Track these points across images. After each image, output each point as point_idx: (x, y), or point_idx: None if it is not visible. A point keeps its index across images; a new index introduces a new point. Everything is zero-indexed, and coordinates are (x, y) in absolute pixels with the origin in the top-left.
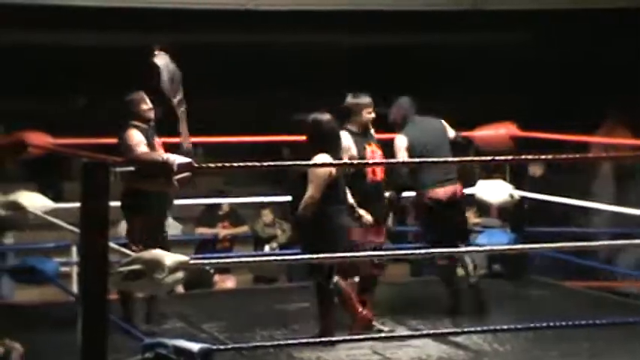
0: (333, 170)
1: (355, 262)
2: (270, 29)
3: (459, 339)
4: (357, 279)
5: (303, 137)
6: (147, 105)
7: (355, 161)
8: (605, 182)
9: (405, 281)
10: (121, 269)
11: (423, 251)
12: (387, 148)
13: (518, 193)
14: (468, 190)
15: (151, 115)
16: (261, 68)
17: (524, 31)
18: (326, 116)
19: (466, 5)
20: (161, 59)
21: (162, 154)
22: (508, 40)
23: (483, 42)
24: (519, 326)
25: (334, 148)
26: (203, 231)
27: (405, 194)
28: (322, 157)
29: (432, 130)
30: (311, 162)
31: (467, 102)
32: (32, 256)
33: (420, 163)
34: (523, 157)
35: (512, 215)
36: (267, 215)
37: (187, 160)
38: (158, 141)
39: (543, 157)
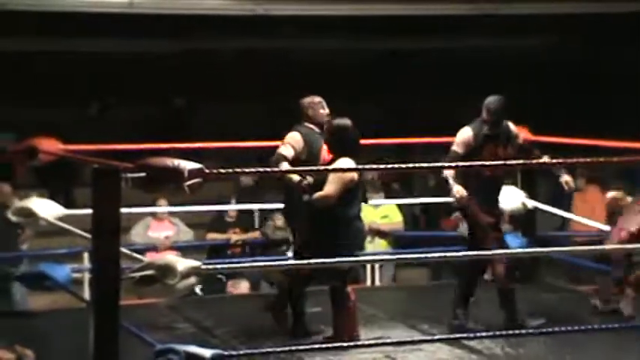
0: (356, 175)
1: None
2: (279, 34)
3: (471, 343)
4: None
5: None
6: (324, 110)
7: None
8: None
9: (424, 285)
10: (133, 275)
11: (435, 255)
12: None
13: (530, 202)
14: None
15: (323, 118)
16: (271, 73)
17: (539, 36)
18: (348, 122)
19: (484, 9)
20: None
21: (173, 160)
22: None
23: (500, 46)
24: (532, 331)
25: (357, 154)
26: (214, 237)
27: None
28: (346, 162)
29: None
30: (331, 166)
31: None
32: (44, 262)
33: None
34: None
35: (523, 220)
36: (279, 218)
37: (198, 165)
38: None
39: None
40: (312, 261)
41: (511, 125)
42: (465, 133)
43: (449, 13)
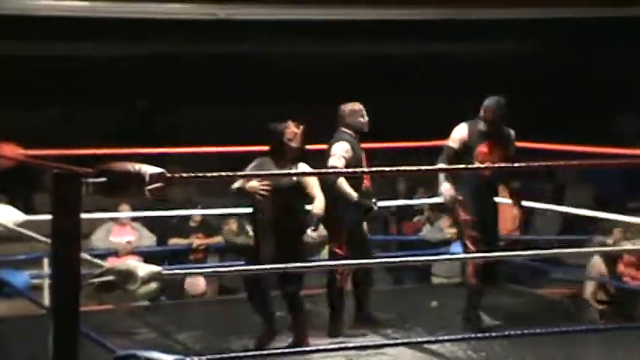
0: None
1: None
2: (243, 39)
3: (433, 347)
4: None
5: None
6: (363, 118)
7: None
8: None
9: (388, 289)
10: (93, 280)
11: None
12: None
13: None
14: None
15: (364, 126)
16: (236, 78)
17: (518, 42)
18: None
19: (464, 15)
20: None
21: (134, 165)
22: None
23: (479, 51)
24: (494, 334)
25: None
26: (176, 242)
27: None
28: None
29: None
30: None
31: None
32: (3, 269)
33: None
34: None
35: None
36: (233, 224)
37: (159, 170)
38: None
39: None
40: (274, 266)
41: (512, 132)
42: (460, 130)
43: (422, 18)
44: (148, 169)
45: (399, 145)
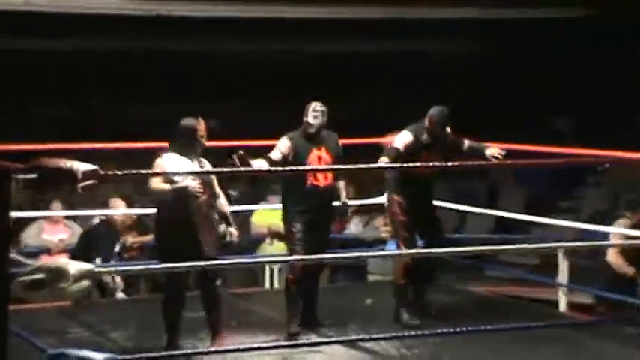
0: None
1: None
2: (182, 36)
3: (367, 344)
4: None
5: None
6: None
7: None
8: None
9: (322, 287)
10: (24, 278)
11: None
12: None
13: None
14: (378, 200)
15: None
16: (179, 74)
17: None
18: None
19: (409, 14)
20: None
21: (67, 161)
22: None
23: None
24: (427, 332)
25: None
26: None
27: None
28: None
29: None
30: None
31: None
32: None
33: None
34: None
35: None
36: None
37: (92, 167)
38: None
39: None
40: (203, 263)
41: (448, 130)
42: (407, 137)
43: (366, 17)
44: (81, 166)
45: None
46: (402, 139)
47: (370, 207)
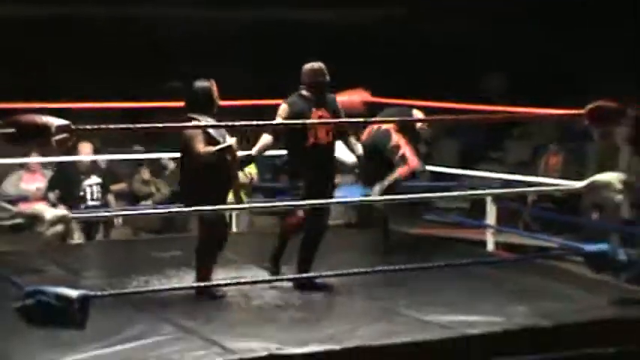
0: None
1: None
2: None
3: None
4: None
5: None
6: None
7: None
8: None
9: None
10: (3, 223)
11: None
12: None
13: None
14: None
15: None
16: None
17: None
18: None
19: None
20: None
21: (41, 117)
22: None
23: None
24: (369, 269)
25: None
26: None
27: None
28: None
29: None
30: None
31: None
32: None
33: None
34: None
35: (362, 172)
36: (145, 173)
37: (65, 122)
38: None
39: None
40: (170, 211)
41: (338, 99)
42: (282, 109)
43: None
44: (55, 121)
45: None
46: (280, 112)
47: None
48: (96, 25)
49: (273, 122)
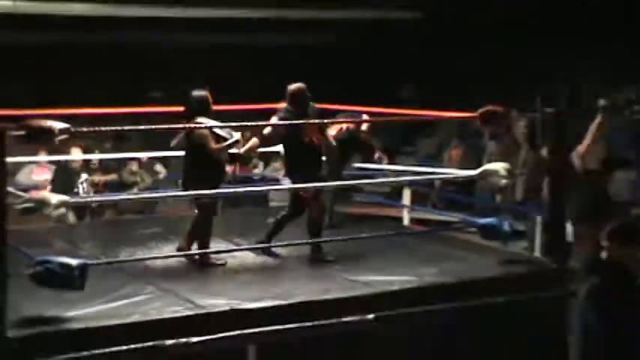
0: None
1: None
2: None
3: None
4: None
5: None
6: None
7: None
8: None
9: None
10: (18, 207)
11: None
12: None
13: None
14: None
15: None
16: None
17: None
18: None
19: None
20: None
21: (46, 121)
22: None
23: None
24: (304, 241)
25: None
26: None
27: None
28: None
29: None
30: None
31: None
32: None
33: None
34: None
35: None
36: (133, 165)
37: (66, 125)
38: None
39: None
40: (156, 195)
41: (316, 106)
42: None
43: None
44: (57, 125)
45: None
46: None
47: (271, 153)
48: (93, 49)
49: (275, 122)
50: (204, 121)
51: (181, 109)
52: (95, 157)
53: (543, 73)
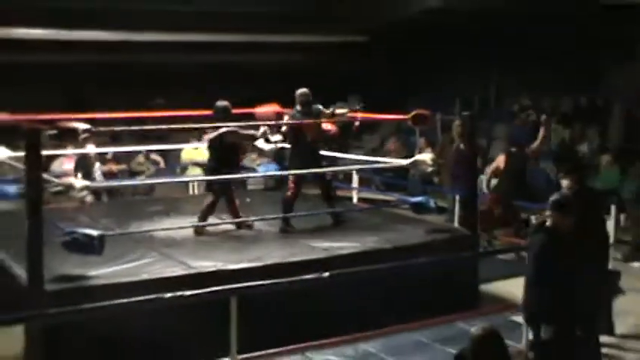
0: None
1: None
2: None
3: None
4: None
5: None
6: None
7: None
8: None
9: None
10: (50, 190)
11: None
12: None
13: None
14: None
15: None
16: None
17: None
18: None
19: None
20: None
21: (72, 123)
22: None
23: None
24: (279, 215)
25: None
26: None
27: None
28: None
29: None
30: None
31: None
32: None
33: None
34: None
35: (276, 155)
36: (140, 157)
37: (88, 126)
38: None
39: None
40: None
41: (320, 107)
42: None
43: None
44: (81, 125)
45: None
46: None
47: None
48: (110, 66)
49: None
50: (230, 124)
51: (181, 112)
52: (110, 150)
53: (462, 84)
